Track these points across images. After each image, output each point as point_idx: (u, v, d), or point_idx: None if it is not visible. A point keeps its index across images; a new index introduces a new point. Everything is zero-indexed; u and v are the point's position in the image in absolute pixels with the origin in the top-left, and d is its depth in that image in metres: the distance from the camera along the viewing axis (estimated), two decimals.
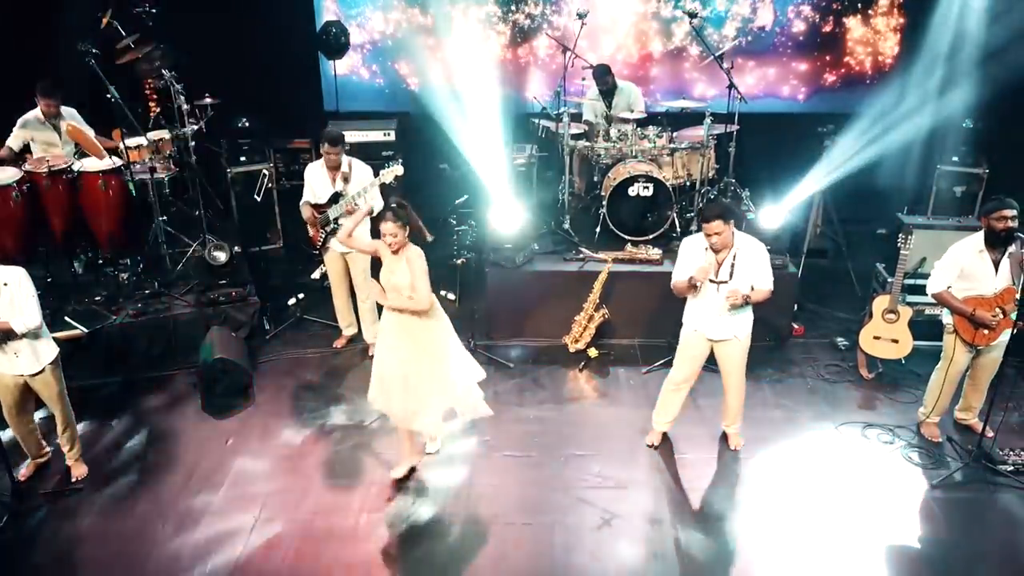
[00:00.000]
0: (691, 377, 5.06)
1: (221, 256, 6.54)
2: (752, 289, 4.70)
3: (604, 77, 7.27)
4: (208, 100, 6.95)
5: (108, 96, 6.04)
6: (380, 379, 4.72)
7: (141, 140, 6.59)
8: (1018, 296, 4.61)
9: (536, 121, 7.57)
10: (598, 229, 6.81)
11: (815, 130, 7.11)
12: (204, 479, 4.98)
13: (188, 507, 4.74)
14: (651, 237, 6.68)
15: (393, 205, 4.53)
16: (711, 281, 4.71)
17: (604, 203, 6.68)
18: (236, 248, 6.49)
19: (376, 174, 5.64)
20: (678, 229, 6.79)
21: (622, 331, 6.50)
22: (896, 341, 5.79)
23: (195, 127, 6.75)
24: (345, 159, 5.86)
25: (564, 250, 6.71)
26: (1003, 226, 4.68)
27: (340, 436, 5.39)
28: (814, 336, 6.57)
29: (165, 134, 6.63)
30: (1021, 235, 4.67)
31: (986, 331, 4.86)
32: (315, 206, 5.90)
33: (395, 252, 4.51)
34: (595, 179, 7.06)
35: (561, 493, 4.87)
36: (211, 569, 4.31)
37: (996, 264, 4.82)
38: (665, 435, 5.29)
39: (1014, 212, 4.68)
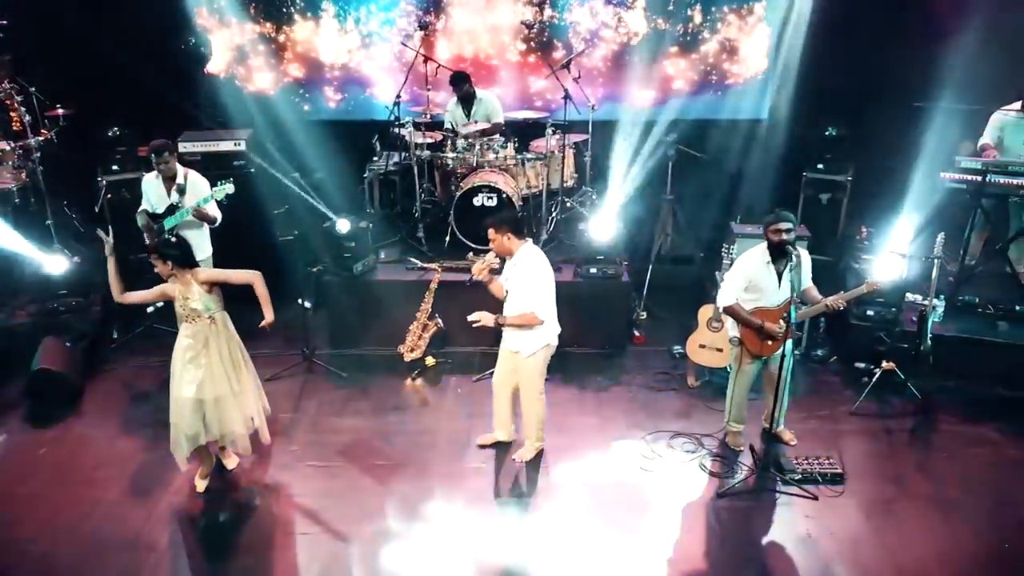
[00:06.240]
0: (502, 378, 5.15)
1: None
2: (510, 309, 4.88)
3: (462, 85, 7.29)
4: (60, 111, 6.98)
5: None
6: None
7: None
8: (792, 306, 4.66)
9: (396, 130, 7.60)
10: (447, 238, 6.86)
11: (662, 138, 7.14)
12: (2, 490, 5.02)
13: None
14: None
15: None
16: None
17: (452, 213, 6.74)
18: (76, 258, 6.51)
19: (213, 185, 5.74)
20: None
21: (464, 339, 6.53)
22: (720, 350, 5.85)
23: (42, 139, 6.77)
24: (181, 170, 5.92)
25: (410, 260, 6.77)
26: (778, 239, 4.75)
27: (149, 446, 5.42)
28: (655, 344, 6.62)
29: (4, 145, 6.65)
30: (793, 248, 4.72)
31: (770, 342, 4.93)
32: (152, 216, 5.97)
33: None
34: (452, 188, 7.11)
35: (357, 505, 4.90)
36: None
37: (779, 275, 4.89)
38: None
39: (789, 225, 4.75)
